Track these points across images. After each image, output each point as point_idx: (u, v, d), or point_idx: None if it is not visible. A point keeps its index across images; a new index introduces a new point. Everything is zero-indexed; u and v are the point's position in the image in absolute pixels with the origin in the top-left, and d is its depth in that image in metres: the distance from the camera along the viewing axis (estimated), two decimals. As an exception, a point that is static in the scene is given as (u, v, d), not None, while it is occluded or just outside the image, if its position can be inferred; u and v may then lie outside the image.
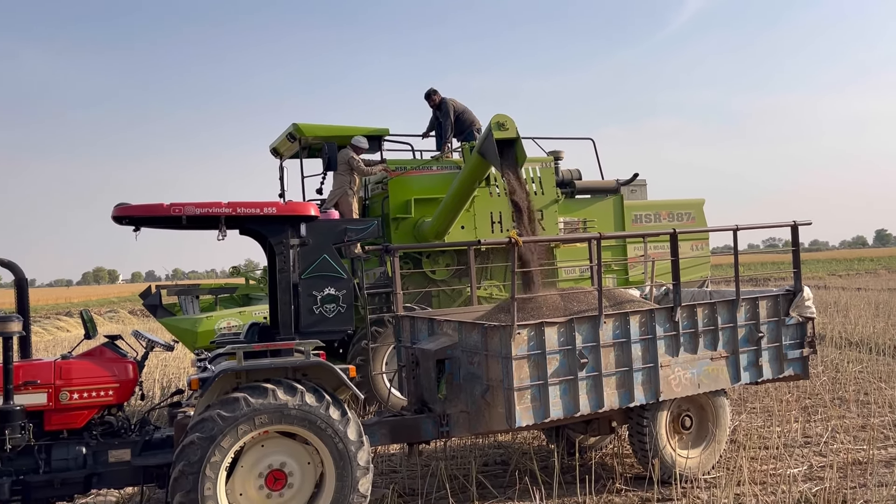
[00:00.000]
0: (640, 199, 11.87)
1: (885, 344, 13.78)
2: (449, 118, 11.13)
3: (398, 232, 10.52)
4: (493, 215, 10.67)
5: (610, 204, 11.45)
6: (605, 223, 11.16)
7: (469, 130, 11.16)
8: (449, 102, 11.22)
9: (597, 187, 11.54)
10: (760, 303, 7.18)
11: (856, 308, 21.04)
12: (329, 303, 5.82)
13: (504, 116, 8.84)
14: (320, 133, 10.82)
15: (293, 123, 10.77)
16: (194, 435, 5.14)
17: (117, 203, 5.44)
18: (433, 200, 10.46)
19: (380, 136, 11.13)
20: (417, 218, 10.50)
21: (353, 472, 5.40)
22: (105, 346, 5.83)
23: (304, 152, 11.34)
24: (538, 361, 6.11)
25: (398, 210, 10.55)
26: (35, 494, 5.38)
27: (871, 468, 6.95)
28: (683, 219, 11.72)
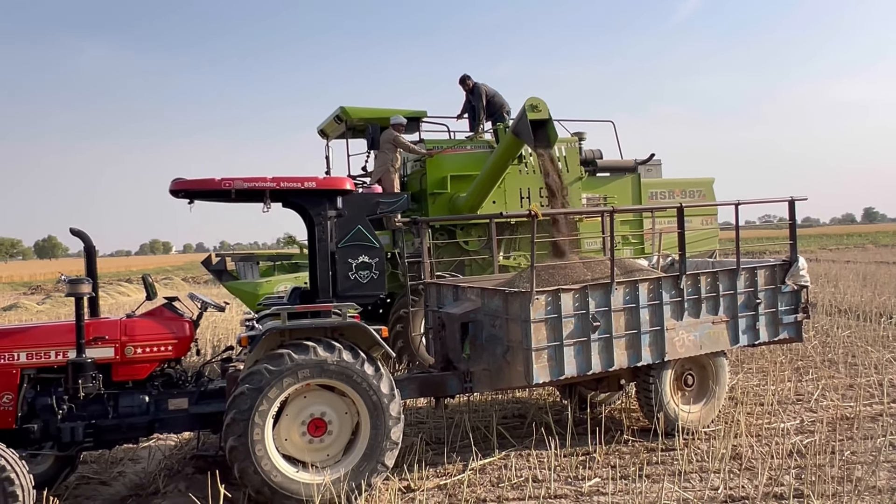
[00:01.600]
0: (656, 178, 11.78)
1: (871, 311, 13.63)
2: (481, 101, 11.07)
3: (435, 206, 10.53)
4: (521, 191, 10.65)
5: (628, 182, 11.37)
6: (624, 199, 11.10)
7: (499, 113, 11.09)
8: (481, 87, 11.15)
9: (616, 166, 11.43)
10: (759, 272, 7.11)
11: (845, 279, 20.79)
12: (363, 269, 5.83)
13: (537, 99, 8.80)
14: (365, 115, 10.82)
15: (340, 107, 10.75)
16: (244, 386, 5.21)
17: (174, 178, 5.48)
18: (467, 177, 10.45)
19: (418, 118, 11.11)
20: (453, 193, 10.49)
21: (385, 422, 5.45)
22: (164, 306, 5.89)
23: (349, 133, 11.35)
24: (555, 324, 6.11)
25: (435, 186, 10.54)
26: (105, 437, 5.49)
27: (857, 423, 6.91)
28: (695, 196, 11.61)
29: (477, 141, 11.05)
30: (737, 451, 6.19)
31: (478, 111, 11.15)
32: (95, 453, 6.78)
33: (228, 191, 5.48)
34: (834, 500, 5.02)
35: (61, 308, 24.32)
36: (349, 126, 11.07)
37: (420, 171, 10.80)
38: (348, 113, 10.70)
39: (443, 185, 10.53)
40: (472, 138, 11.19)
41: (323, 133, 11.95)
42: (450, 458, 6.41)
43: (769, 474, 5.60)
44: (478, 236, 10.42)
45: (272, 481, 5.19)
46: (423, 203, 10.69)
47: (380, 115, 10.74)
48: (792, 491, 5.17)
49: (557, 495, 5.44)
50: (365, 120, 10.85)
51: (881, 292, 16.97)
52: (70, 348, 5.37)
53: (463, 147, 10.85)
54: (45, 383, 5.45)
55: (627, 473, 5.81)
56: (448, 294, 7.31)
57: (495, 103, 11.10)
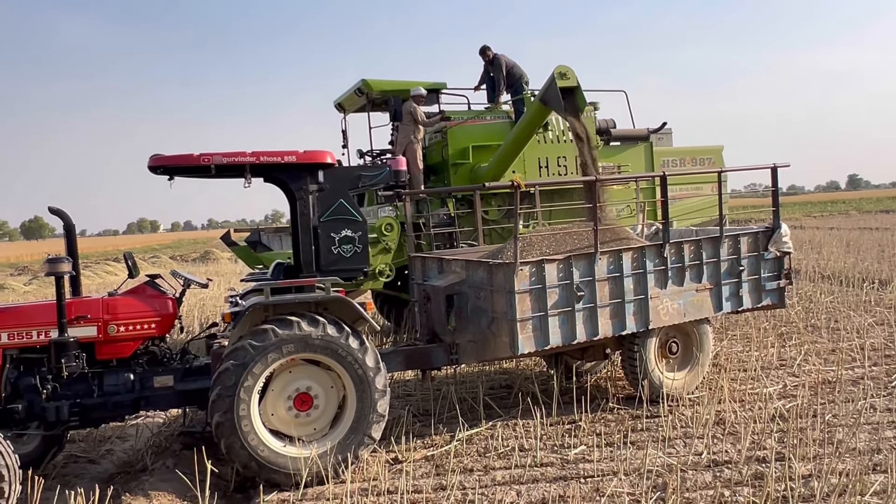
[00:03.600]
0: (667, 146, 11.78)
1: (854, 277, 13.72)
2: (501, 72, 11.02)
3: (457, 176, 10.51)
4: (540, 160, 10.66)
5: (641, 150, 11.37)
6: (638, 167, 11.12)
7: (518, 83, 11.05)
8: (501, 58, 11.10)
9: (629, 135, 11.41)
10: (742, 239, 7.12)
11: (828, 245, 20.92)
12: (346, 244, 5.79)
13: (566, 67, 8.80)
14: (386, 87, 10.73)
15: (362, 79, 10.65)
16: (229, 362, 5.19)
17: (152, 154, 5.40)
18: (488, 147, 10.46)
19: (437, 90, 11.06)
20: (474, 163, 10.48)
21: (371, 395, 5.45)
22: (146, 284, 5.84)
23: (369, 106, 11.26)
24: (539, 295, 6.10)
25: (457, 156, 10.53)
26: (91, 415, 5.47)
27: (839, 386, 6.98)
28: (705, 163, 11.64)
29: (496, 111, 11.05)
30: (720, 417, 6.25)
31: (497, 82, 11.11)
32: (83, 432, 6.77)
33: (208, 166, 5.40)
34: (815, 463, 5.07)
35: (48, 289, 24.13)
36: (370, 99, 10.99)
37: (441, 142, 10.77)
38: (370, 85, 10.62)
39: (464, 155, 10.53)
40: (491, 109, 11.16)
41: (340, 107, 11.85)
42: (437, 429, 6.43)
43: (752, 438, 5.66)
44: (497, 206, 10.42)
45: (259, 456, 5.19)
46: (444, 173, 10.68)
47: (401, 87, 10.66)
48: (774, 454, 5.21)
49: (544, 464, 5.47)
50: (386, 92, 10.76)
51: (864, 258, 17.11)
52: (52, 328, 5.32)
53: (482, 118, 10.83)
54: (29, 363, 5.41)
55: (613, 440, 5.86)
56: (433, 267, 7.29)
57: (515, 74, 11.08)
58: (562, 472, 5.27)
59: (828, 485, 4.67)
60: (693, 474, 5.05)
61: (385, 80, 10.80)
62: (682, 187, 11.23)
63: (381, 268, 9.32)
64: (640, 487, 4.84)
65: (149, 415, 7.07)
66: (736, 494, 4.66)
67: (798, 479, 4.76)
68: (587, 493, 4.83)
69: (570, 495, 4.77)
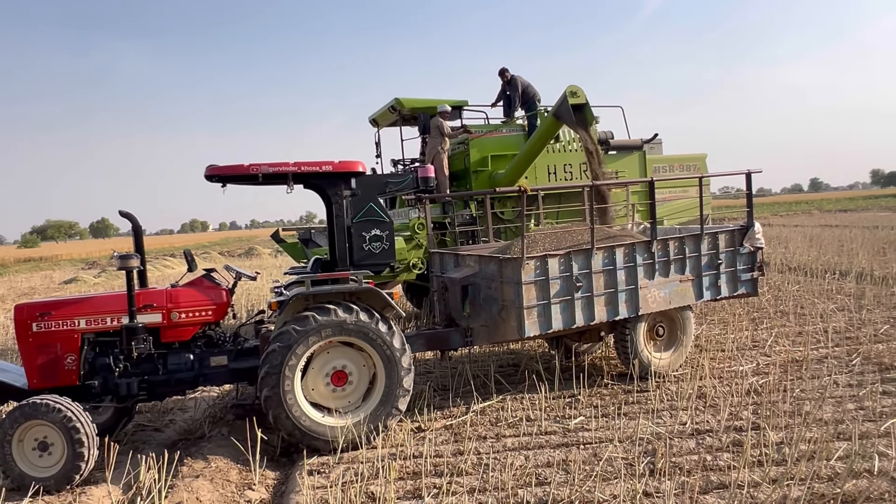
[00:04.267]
0: (658, 154, 11.73)
1: (817, 268, 13.61)
2: (517, 91, 11.02)
3: (477, 181, 10.52)
4: (549, 167, 10.66)
5: (636, 158, 11.31)
6: (633, 173, 11.08)
7: (532, 101, 11.05)
8: (517, 78, 11.10)
9: (625, 145, 11.35)
10: (720, 236, 7.08)
11: (794, 241, 20.74)
12: (375, 241, 5.80)
13: (576, 86, 8.82)
14: (416, 105, 10.75)
15: (395, 98, 10.70)
16: (275, 344, 5.22)
17: (208, 164, 5.43)
18: (504, 156, 10.50)
19: (461, 107, 11.10)
20: (492, 170, 10.50)
21: (398, 372, 5.46)
22: (204, 277, 5.87)
23: (400, 121, 11.29)
24: (543, 285, 6.10)
25: (477, 164, 10.55)
26: (156, 390, 5.53)
27: (805, 365, 6.93)
28: (691, 169, 11.59)
29: (511, 125, 11.05)
30: (702, 391, 6.22)
31: (513, 99, 11.09)
32: (149, 404, 6.83)
33: (256, 175, 5.42)
34: (786, 432, 5.04)
35: (115, 281, 24.35)
36: (402, 115, 11.01)
37: (463, 151, 10.77)
38: (402, 103, 10.66)
39: (484, 163, 10.54)
40: (507, 123, 11.16)
41: (375, 122, 11.86)
42: (454, 402, 6.44)
43: (730, 410, 5.63)
44: (511, 207, 10.44)
45: (302, 425, 5.23)
46: (466, 179, 10.68)
47: (429, 104, 10.68)
48: (750, 424, 5.19)
49: (547, 432, 5.46)
50: (416, 109, 10.77)
51: (825, 252, 16.94)
52: (123, 315, 5.37)
53: (499, 130, 10.84)
54: (103, 345, 5.46)
55: (608, 412, 5.83)
56: (450, 261, 7.29)
57: (529, 92, 11.05)
58: (564, 439, 5.26)
59: (798, 451, 4.63)
60: (679, 441, 5.03)
61: (415, 98, 10.82)
62: (671, 190, 11.19)
63: (415, 261, 9.35)
64: (633, 452, 4.82)
65: (206, 390, 7.11)
66: (717, 459, 4.64)
67: (772, 446, 4.74)
68: (586, 457, 4.82)
69: (571, 459, 4.77)
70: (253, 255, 36.54)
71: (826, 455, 4.51)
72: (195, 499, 4.36)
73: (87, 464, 4.78)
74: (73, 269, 34.02)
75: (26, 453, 4.79)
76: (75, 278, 26.29)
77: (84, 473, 4.79)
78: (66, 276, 28.85)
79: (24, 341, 5.25)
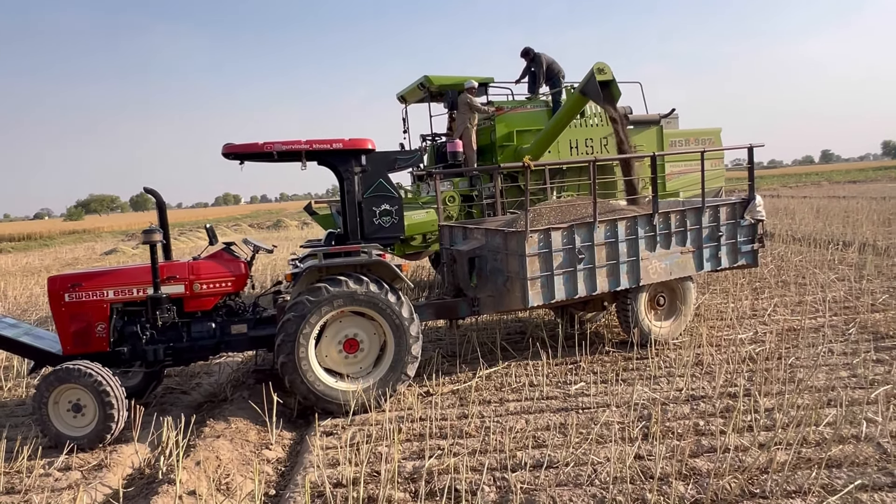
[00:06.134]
0: (674, 129, 11.53)
1: (822, 239, 13.33)
2: (541, 68, 10.84)
3: (503, 156, 10.43)
4: (571, 142, 10.53)
5: (654, 132, 11.11)
6: (650, 147, 10.88)
7: (556, 77, 10.88)
8: (542, 56, 10.92)
9: (643, 120, 11.15)
10: (721, 209, 6.95)
11: (801, 212, 20.33)
12: (385, 216, 5.78)
13: (603, 63, 8.66)
14: (445, 82, 10.63)
15: (424, 76, 10.60)
16: (290, 314, 5.27)
17: (225, 143, 5.42)
18: (529, 131, 10.41)
19: (486, 84, 10.92)
20: (517, 145, 10.40)
21: (407, 340, 5.49)
22: (223, 250, 5.90)
23: (428, 98, 11.18)
24: (546, 258, 6.06)
25: (503, 139, 10.46)
26: (182, 356, 5.62)
27: (802, 333, 6.83)
28: (705, 143, 11.36)
29: (536, 101, 10.90)
30: (699, 359, 6.17)
31: (538, 76, 10.91)
32: (177, 369, 6.97)
33: (271, 153, 5.41)
34: (778, 398, 4.99)
35: (152, 251, 24.69)
36: (430, 92, 10.90)
37: (489, 127, 10.66)
38: (431, 81, 10.55)
39: (509, 138, 10.44)
40: (531, 99, 11.00)
41: (403, 98, 11.74)
42: (461, 368, 6.48)
43: (725, 377, 5.58)
44: (534, 181, 10.39)
45: (316, 389, 5.30)
46: (492, 153, 10.57)
47: (457, 81, 10.55)
48: (742, 391, 5.15)
49: (549, 397, 5.48)
50: (444, 86, 10.65)
51: (831, 223, 16.59)
52: (148, 286, 5.44)
53: (524, 107, 10.71)
54: (131, 314, 5.55)
55: (607, 378, 5.82)
56: (458, 234, 7.26)
57: (553, 69, 10.88)
58: (564, 404, 5.26)
59: (787, 416, 4.59)
60: (674, 407, 5.00)
61: (443, 75, 10.68)
62: (687, 163, 11.02)
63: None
64: (629, 417, 4.82)
65: (228, 356, 7.23)
66: (709, 424, 4.61)
67: (762, 412, 4.70)
68: (583, 421, 4.82)
69: (569, 423, 4.77)
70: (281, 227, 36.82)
71: (815, 421, 4.46)
72: (215, 457, 4.46)
73: (116, 424, 4.90)
74: (113, 241, 34.60)
75: (61, 414, 4.93)
76: (115, 249, 26.75)
77: (115, 433, 4.92)
78: (107, 247, 29.35)
79: (57, 311, 5.36)
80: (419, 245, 9.60)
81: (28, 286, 15.36)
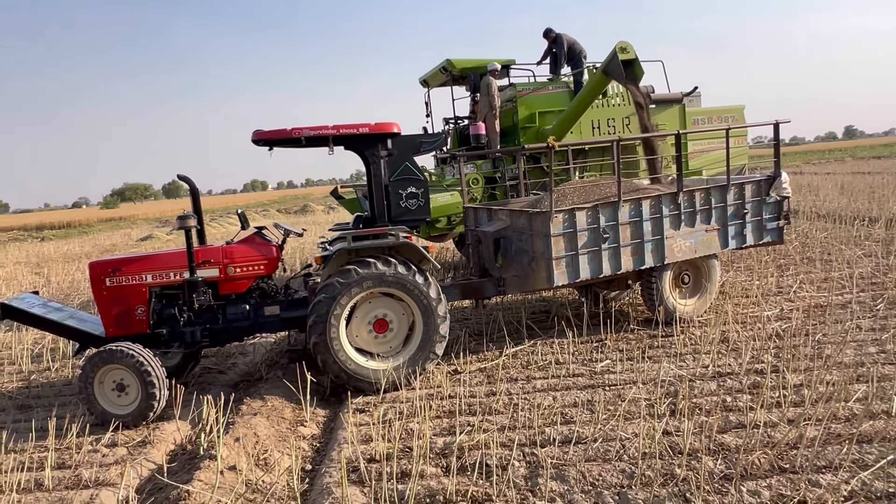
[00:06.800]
0: (697, 107, 11.30)
1: (846, 215, 13.01)
2: (563, 49, 10.68)
3: (525, 137, 10.33)
4: (592, 122, 10.37)
5: (676, 111, 10.90)
6: (673, 125, 10.70)
7: (578, 58, 10.71)
8: (563, 36, 10.74)
9: (665, 98, 10.95)
10: (747, 186, 6.79)
11: (825, 188, 19.85)
12: (412, 198, 5.75)
13: (626, 42, 8.54)
14: (467, 65, 10.53)
15: (446, 59, 10.52)
16: (321, 295, 5.30)
17: (254, 130, 5.43)
18: (551, 112, 10.28)
19: (508, 66, 10.82)
20: (540, 126, 10.29)
21: (435, 320, 5.50)
22: (255, 234, 5.95)
23: (450, 81, 11.08)
24: (571, 237, 6.00)
25: (525, 120, 10.35)
26: (218, 337, 5.70)
27: (829, 310, 6.69)
28: (728, 121, 11.09)
29: (558, 82, 10.74)
30: (725, 336, 6.09)
31: (559, 57, 10.74)
32: (213, 350, 7.08)
33: (299, 138, 5.41)
34: (805, 374, 4.91)
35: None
36: (453, 75, 10.80)
37: (511, 108, 10.55)
38: (453, 64, 10.46)
39: (532, 119, 10.32)
40: (553, 80, 10.84)
41: (425, 83, 11.67)
42: (488, 346, 6.48)
43: (752, 354, 5.50)
44: (557, 161, 10.30)
45: (347, 368, 5.34)
46: (515, 135, 10.46)
47: (479, 64, 10.43)
48: (770, 367, 5.07)
49: (575, 374, 5.45)
50: (467, 69, 10.54)
51: (856, 199, 16.17)
52: (185, 270, 5.51)
53: (546, 88, 10.57)
54: (169, 298, 5.63)
55: (633, 356, 5.78)
56: (483, 215, 7.22)
57: (575, 50, 10.71)
58: (590, 381, 5.24)
59: (816, 392, 4.51)
60: (700, 383, 4.95)
61: (465, 59, 10.56)
62: (710, 142, 10.79)
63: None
64: (656, 394, 4.77)
65: (261, 337, 7.32)
66: (737, 400, 4.56)
67: (790, 388, 4.62)
68: (610, 398, 4.80)
69: (596, 400, 4.75)
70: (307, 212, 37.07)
71: (844, 397, 4.37)
72: (253, 434, 4.53)
73: (158, 402, 5.00)
74: (148, 228, 35.20)
75: (106, 393, 5.04)
76: (150, 236, 27.22)
77: (157, 411, 5.02)
78: (143, 233, 29.88)
79: (99, 294, 5.46)
80: (444, 227, 9.58)
81: (70, 272, 15.73)
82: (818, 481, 3.39)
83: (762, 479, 3.48)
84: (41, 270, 16.64)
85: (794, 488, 3.35)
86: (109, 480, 4.10)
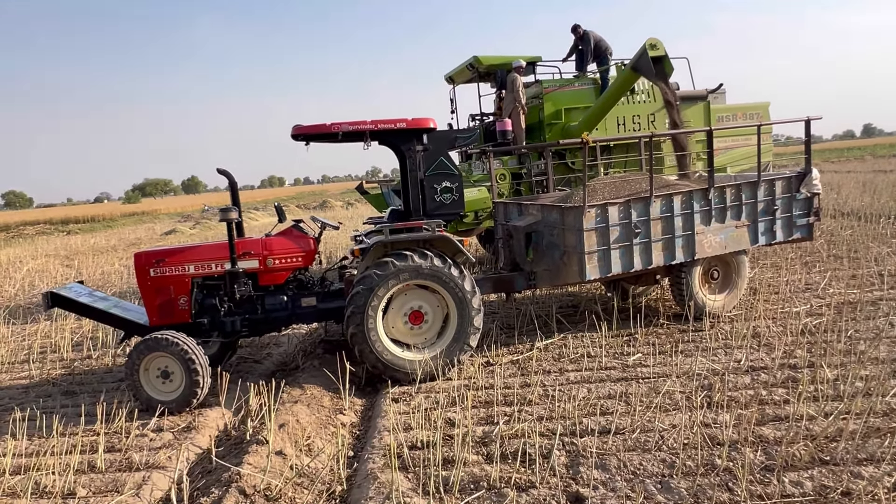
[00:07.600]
0: (721, 104, 11.23)
1: (871, 213, 12.86)
2: (589, 46, 10.64)
3: (551, 133, 10.33)
4: (618, 119, 10.35)
5: (701, 108, 10.84)
6: (698, 122, 10.63)
7: (604, 55, 10.68)
8: (590, 34, 10.71)
9: (690, 95, 10.89)
10: (777, 183, 6.76)
11: (846, 186, 19.59)
12: (446, 193, 5.80)
13: (655, 39, 8.52)
14: (493, 62, 10.54)
15: (473, 56, 10.52)
16: (359, 287, 5.37)
17: (295, 124, 5.50)
18: (577, 109, 10.27)
19: (534, 63, 10.81)
20: (566, 122, 10.28)
21: (469, 312, 5.54)
22: (293, 227, 6.02)
23: (476, 78, 11.10)
24: (603, 232, 6.02)
25: (551, 117, 10.36)
26: (256, 327, 5.78)
27: (860, 306, 6.63)
28: (754, 118, 10.98)
29: (583, 79, 10.72)
30: (756, 331, 6.06)
31: (586, 54, 10.70)
32: (248, 340, 7.18)
33: (336, 133, 5.47)
34: (841, 369, 4.89)
35: (207, 232, 25.38)
36: (479, 72, 10.82)
37: (537, 105, 10.56)
38: (480, 61, 10.47)
39: (558, 116, 10.31)
40: (579, 77, 10.82)
41: (451, 79, 11.69)
42: (519, 339, 6.51)
43: (784, 349, 5.48)
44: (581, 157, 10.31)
45: (384, 359, 5.41)
46: (541, 132, 10.46)
47: (505, 61, 10.44)
48: (805, 362, 5.06)
49: (607, 367, 5.47)
50: (493, 66, 10.54)
51: (879, 197, 15.96)
52: (226, 261, 5.59)
53: (571, 84, 10.55)
54: (210, 288, 5.72)
55: (664, 350, 5.78)
56: (514, 210, 7.25)
57: (601, 47, 10.67)
58: (623, 374, 5.26)
59: (852, 387, 4.50)
60: (734, 377, 4.95)
61: (492, 56, 10.55)
62: (735, 139, 10.71)
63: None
64: (690, 387, 4.79)
65: (294, 327, 7.41)
66: (772, 394, 4.56)
67: (827, 382, 4.62)
68: (646, 391, 4.81)
69: (631, 392, 4.77)
70: (326, 208, 37.25)
71: (882, 392, 4.36)
72: (296, 420, 4.61)
73: (202, 389, 5.10)
74: (170, 222, 35.60)
75: (151, 380, 5.16)
76: (174, 230, 27.54)
77: (200, 398, 5.13)
78: (166, 227, 30.24)
79: (143, 284, 5.57)
80: (471, 222, 9.62)
81: (99, 264, 15.99)
82: (861, 473, 3.40)
83: (804, 470, 3.49)
84: (71, 263, 16.93)
85: (836, 479, 3.36)
86: (159, 463, 4.20)
